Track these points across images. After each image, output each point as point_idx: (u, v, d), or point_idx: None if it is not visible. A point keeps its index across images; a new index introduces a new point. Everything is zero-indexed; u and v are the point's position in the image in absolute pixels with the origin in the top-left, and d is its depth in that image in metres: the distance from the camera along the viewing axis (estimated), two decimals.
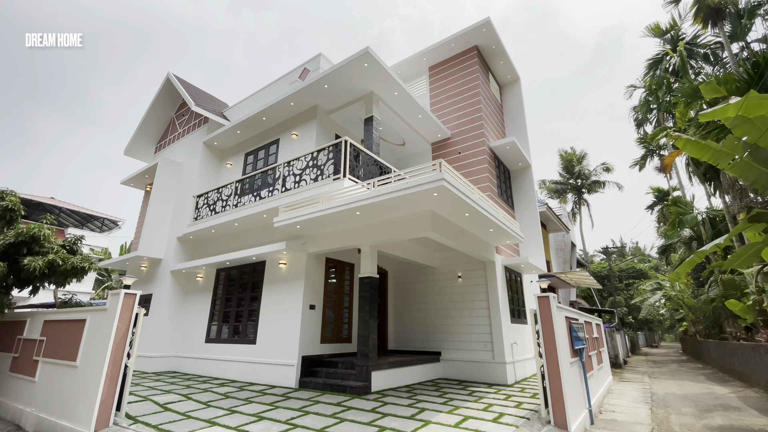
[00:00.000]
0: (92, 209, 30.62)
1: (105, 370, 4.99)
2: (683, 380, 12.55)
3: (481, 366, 8.46)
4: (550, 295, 5.65)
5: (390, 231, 6.98)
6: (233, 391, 7.06)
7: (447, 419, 5.08)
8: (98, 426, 4.84)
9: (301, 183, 8.09)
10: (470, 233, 7.88)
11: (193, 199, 10.81)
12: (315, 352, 7.96)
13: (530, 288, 11.42)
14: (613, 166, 30.85)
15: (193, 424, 4.90)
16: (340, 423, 4.91)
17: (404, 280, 10.61)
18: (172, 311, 10.29)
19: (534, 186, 11.80)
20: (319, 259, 8.60)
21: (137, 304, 5.51)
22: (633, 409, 7.61)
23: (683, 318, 26.83)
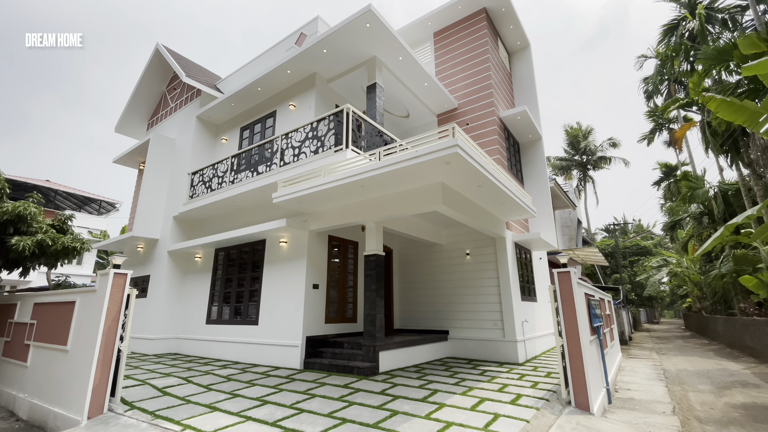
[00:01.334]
0: (89, 192, 30.15)
1: (96, 354, 4.68)
2: (692, 356, 12.39)
3: (491, 344, 8.19)
4: (571, 270, 5.27)
5: (396, 206, 6.53)
6: (236, 374, 6.81)
7: (462, 401, 4.79)
8: (92, 413, 4.55)
9: (301, 156, 7.59)
10: (481, 208, 7.44)
11: (188, 177, 10.33)
12: (319, 332, 7.67)
13: (539, 265, 11.07)
14: (620, 141, 30.10)
15: (193, 410, 4.61)
16: (348, 407, 4.62)
17: (410, 258, 10.25)
18: (171, 292, 10.00)
19: (545, 159, 11.27)
20: (321, 237, 8.20)
21: (128, 285, 5.14)
22: (648, 387, 7.38)
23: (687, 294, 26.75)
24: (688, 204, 18.33)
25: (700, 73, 15.16)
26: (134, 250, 11.26)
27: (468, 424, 3.93)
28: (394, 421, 4.03)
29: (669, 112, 27.03)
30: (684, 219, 20.83)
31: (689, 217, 19.84)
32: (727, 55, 10.97)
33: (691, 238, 20.22)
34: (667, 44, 21.08)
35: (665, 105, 21.33)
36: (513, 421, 4.01)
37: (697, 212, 19.19)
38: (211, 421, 4.19)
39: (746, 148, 14.26)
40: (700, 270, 20.77)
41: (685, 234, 21.44)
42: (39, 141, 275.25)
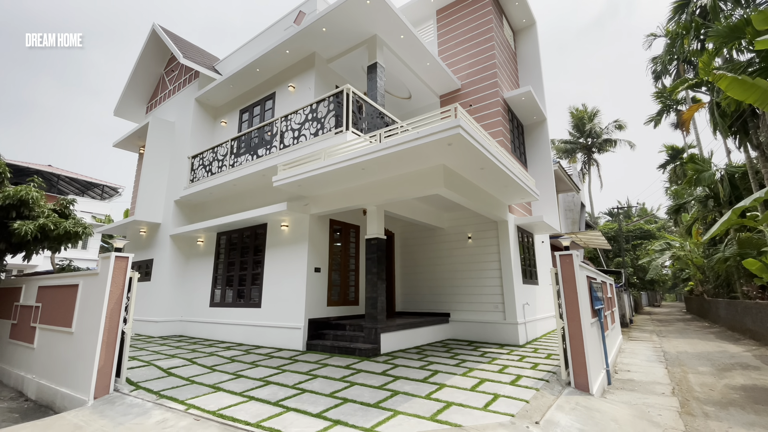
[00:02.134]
0: (92, 177, 30.17)
1: (101, 335, 4.73)
2: (693, 339, 12.46)
3: (492, 327, 8.25)
4: (573, 252, 5.22)
5: (398, 189, 6.46)
6: (239, 355, 6.90)
7: (462, 382, 4.84)
8: (98, 393, 4.64)
9: (301, 138, 7.48)
10: (483, 191, 7.35)
11: (188, 160, 10.26)
12: (322, 314, 7.73)
13: (542, 249, 11.04)
14: (626, 124, 29.56)
15: (197, 390, 4.68)
16: (350, 387, 4.67)
17: (411, 242, 10.24)
18: (175, 276, 10.07)
19: (549, 142, 11.08)
20: (322, 221, 8.17)
21: (130, 268, 5.16)
22: (648, 369, 7.43)
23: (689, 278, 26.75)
24: (694, 187, 18.10)
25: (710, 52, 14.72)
26: (137, 235, 11.31)
27: (468, 404, 3.97)
28: (394, 401, 4.08)
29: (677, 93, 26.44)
30: (689, 202, 20.61)
31: (694, 201, 19.62)
32: (739, 32, 10.60)
33: (696, 221, 20.08)
34: (678, 22, 20.46)
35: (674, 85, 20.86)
36: (512, 402, 4.05)
37: (702, 195, 18.98)
38: (214, 400, 4.26)
39: (755, 129, 13.97)
40: (704, 253, 20.71)
41: (689, 217, 21.27)
42: (39, 126, 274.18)
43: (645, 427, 4.07)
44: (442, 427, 3.35)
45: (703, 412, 4.89)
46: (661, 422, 4.33)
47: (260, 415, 3.72)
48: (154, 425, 3.78)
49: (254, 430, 3.36)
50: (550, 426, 3.53)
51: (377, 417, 3.61)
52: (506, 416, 3.61)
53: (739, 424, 4.36)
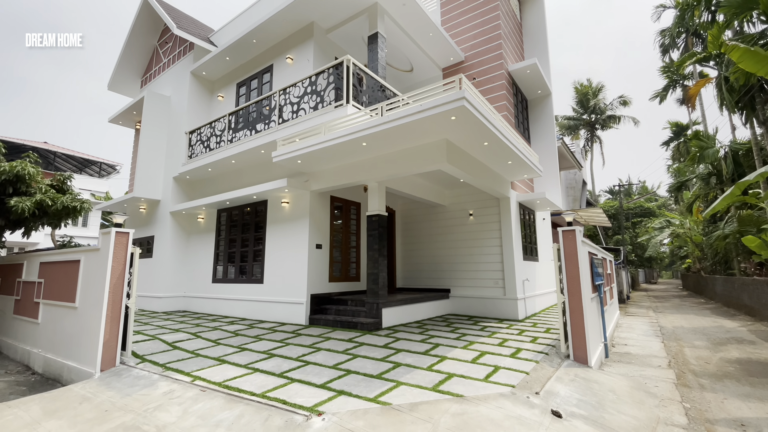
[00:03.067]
0: (89, 154, 29.81)
1: (104, 310, 4.77)
2: (689, 314, 12.65)
3: (492, 302, 8.34)
4: (576, 228, 5.19)
5: (400, 164, 6.35)
6: (243, 329, 7.00)
7: (463, 355, 4.91)
8: (104, 365, 4.71)
9: (300, 113, 7.31)
10: (486, 166, 7.25)
11: (186, 136, 10.07)
12: (324, 290, 7.79)
13: (543, 226, 11.03)
14: (631, 99, 29.01)
15: (202, 362, 4.75)
16: (352, 359, 4.74)
17: (413, 219, 10.21)
18: (176, 252, 10.10)
19: (553, 117, 10.86)
20: (323, 198, 8.10)
21: (131, 243, 5.14)
22: (645, 342, 7.57)
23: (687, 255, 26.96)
24: (697, 164, 17.93)
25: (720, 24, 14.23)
26: (136, 211, 11.26)
27: (469, 375, 4.03)
28: (396, 373, 4.15)
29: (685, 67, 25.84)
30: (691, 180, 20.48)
31: (696, 178, 19.48)
32: (752, 2, 10.21)
33: (697, 199, 20.01)
34: None
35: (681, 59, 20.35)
36: (513, 373, 4.11)
37: (705, 173, 18.83)
38: (220, 372, 4.32)
39: (762, 105, 13.70)
40: (703, 231, 20.78)
41: (691, 195, 21.19)
42: (34, 102, 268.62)
43: (642, 397, 4.16)
44: (444, 397, 3.41)
45: (699, 383, 5.00)
46: (658, 393, 4.42)
47: (265, 386, 3.78)
48: (161, 396, 3.85)
49: (260, 400, 3.42)
50: (549, 396, 3.60)
51: (380, 387, 3.67)
52: (507, 387, 3.67)
53: (735, 395, 4.45)
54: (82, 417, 3.62)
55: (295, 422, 3.03)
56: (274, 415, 3.17)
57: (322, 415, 3.09)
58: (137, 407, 3.64)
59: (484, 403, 3.31)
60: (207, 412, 3.38)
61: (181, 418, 3.34)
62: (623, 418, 3.46)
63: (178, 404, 3.60)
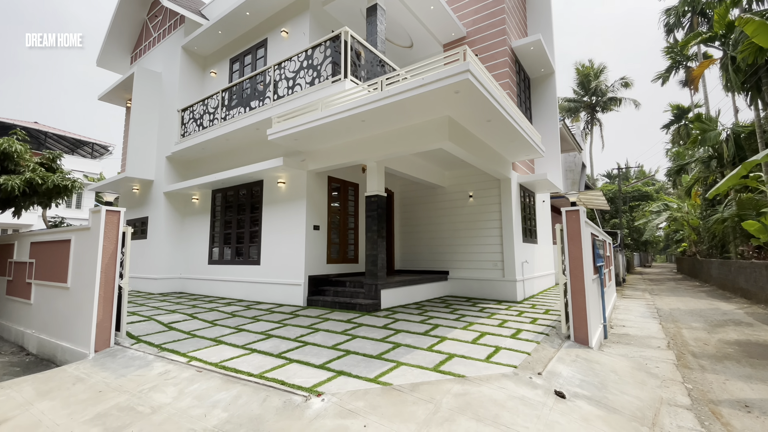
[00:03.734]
0: (81, 134, 29.19)
1: (97, 290, 4.65)
2: (685, 297, 12.74)
3: (490, 284, 8.30)
4: (580, 208, 5.07)
5: (399, 143, 6.16)
6: (240, 310, 6.93)
7: (462, 335, 4.86)
8: (98, 346, 4.62)
9: (296, 88, 7.04)
10: (488, 146, 7.06)
11: (178, 114, 9.77)
12: (321, 272, 7.70)
13: (542, 208, 10.93)
14: (633, 81, 28.54)
15: (198, 343, 4.68)
16: (352, 339, 4.68)
17: (411, 201, 10.06)
18: (171, 233, 9.94)
19: (556, 97, 10.59)
20: (320, 178, 7.91)
21: (123, 222, 4.97)
22: (643, 324, 7.58)
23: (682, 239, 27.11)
24: (699, 147, 17.76)
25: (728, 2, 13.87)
26: (130, 192, 11.04)
27: (470, 356, 3.97)
28: (396, 353, 4.08)
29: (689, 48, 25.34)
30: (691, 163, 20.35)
31: (697, 161, 19.35)
32: None
33: (696, 182, 19.93)
34: None
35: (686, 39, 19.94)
36: (514, 354, 4.06)
37: (705, 156, 18.69)
38: (216, 353, 4.25)
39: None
40: (701, 215, 20.80)
41: (690, 178, 21.10)
42: (24, 82, 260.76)
43: (643, 378, 4.13)
44: (445, 377, 3.35)
45: (699, 365, 4.99)
46: (659, 374, 4.40)
47: (263, 367, 3.71)
48: (156, 377, 3.77)
49: (258, 381, 3.34)
50: (552, 377, 3.54)
51: (380, 368, 3.61)
52: (509, 368, 3.62)
53: (736, 376, 4.44)
54: (75, 398, 3.55)
55: (294, 403, 2.95)
56: (273, 396, 3.10)
57: (321, 396, 3.01)
58: (132, 388, 3.56)
59: (486, 383, 3.25)
60: (203, 392, 3.31)
61: (177, 398, 3.27)
62: (626, 399, 3.42)
63: (174, 385, 3.53)
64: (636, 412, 3.20)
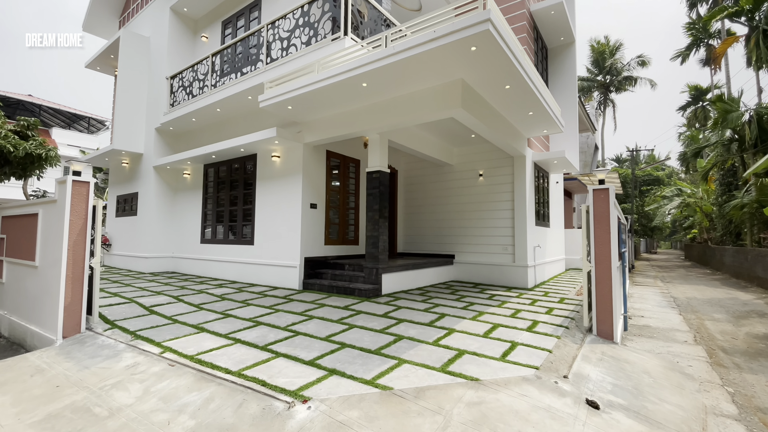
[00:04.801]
0: (77, 108, 28.39)
1: (64, 269, 4.15)
2: (698, 285, 12.21)
3: (499, 269, 7.77)
4: (609, 187, 4.47)
5: (405, 111, 5.50)
6: (230, 293, 6.46)
7: (472, 327, 4.35)
8: (67, 332, 4.16)
9: (290, 50, 6.33)
10: (503, 118, 6.38)
11: (167, 82, 9.07)
12: (319, 253, 7.19)
13: (555, 189, 10.29)
14: (650, 59, 27.21)
15: (178, 330, 4.20)
16: (348, 330, 4.19)
17: (416, 180, 9.44)
18: (162, 210, 9.42)
19: (575, 69, 9.77)
20: (318, 153, 7.29)
21: (92, 195, 4.42)
22: (662, 315, 7.07)
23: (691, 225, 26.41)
24: (719, 129, 16.85)
25: None
26: (119, 166, 10.47)
27: (482, 352, 3.46)
28: (398, 348, 3.58)
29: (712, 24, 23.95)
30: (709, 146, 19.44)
31: (716, 144, 18.46)
32: None
33: (714, 167, 19.08)
34: None
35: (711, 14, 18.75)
36: (533, 351, 3.55)
37: (726, 138, 17.78)
38: (195, 343, 3.76)
39: None
40: (715, 200, 20.03)
41: (706, 162, 20.24)
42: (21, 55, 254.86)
43: (680, 380, 3.62)
44: (455, 380, 2.85)
45: (734, 363, 4.48)
46: (695, 374, 3.89)
47: (244, 362, 3.22)
48: (122, 370, 3.30)
49: (235, 380, 2.85)
50: (580, 381, 3.04)
51: (379, 366, 3.11)
52: (529, 369, 3.11)
53: None
54: (29, 393, 3.09)
55: (275, 411, 2.46)
56: (250, 400, 2.61)
57: (307, 402, 2.52)
58: (93, 383, 3.09)
59: (504, 389, 2.74)
60: (171, 392, 2.82)
61: (141, 399, 2.79)
62: (668, 408, 2.92)
63: (140, 381, 3.05)
64: (682, 426, 2.70)
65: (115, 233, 10.62)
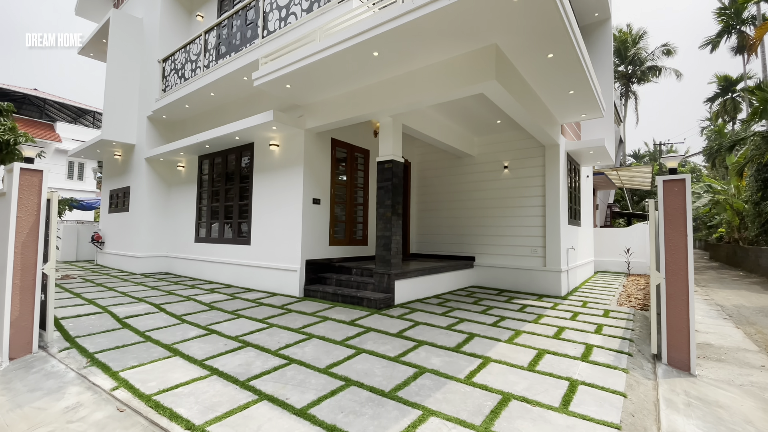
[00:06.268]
0: (83, 103, 28.04)
1: (10, 277, 3.39)
2: (739, 290, 11.08)
3: (527, 274, 6.85)
4: (686, 177, 3.52)
5: (425, 87, 4.60)
6: (222, 300, 5.67)
7: (512, 354, 3.46)
8: (15, 352, 3.40)
9: (289, 19, 5.47)
10: (538, 98, 5.44)
11: (159, 65, 8.30)
12: (322, 255, 6.36)
13: (586, 184, 9.29)
14: (676, 48, 25.71)
15: (146, 353, 3.40)
16: (355, 356, 3.34)
17: (432, 173, 8.54)
18: (155, 207, 8.69)
19: (611, 48, 8.72)
20: (322, 141, 6.44)
21: (46, 186, 3.64)
22: (717, 328, 6.08)
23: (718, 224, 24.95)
24: (759, 119, 15.54)
25: None
26: (111, 159, 9.78)
27: (536, 398, 2.58)
28: (420, 387, 2.72)
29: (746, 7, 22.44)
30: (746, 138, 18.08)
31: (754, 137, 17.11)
32: None
33: (749, 161, 17.73)
34: None
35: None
36: (602, 395, 2.65)
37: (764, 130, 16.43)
38: (161, 374, 2.96)
39: None
40: (749, 198, 18.66)
41: (740, 157, 18.86)
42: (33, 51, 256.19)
43: None
44: None
45: None
46: None
47: (215, 408, 2.40)
48: (58, 415, 2.50)
49: None
50: None
51: (397, 421, 2.25)
52: (606, 428, 2.21)
53: None
54: None
55: None
56: None
57: None
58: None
59: None
60: None
61: None
62: None
63: None
64: None
65: (108, 230, 9.96)
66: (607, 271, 10.75)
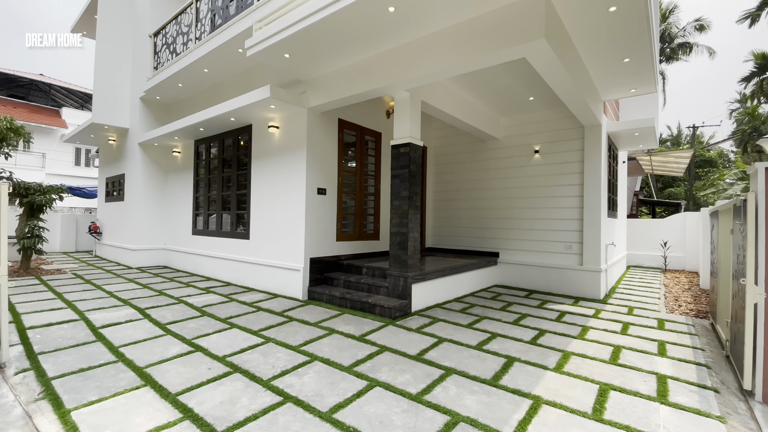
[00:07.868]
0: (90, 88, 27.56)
1: None
2: None
3: (560, 273, 6.07)
4: None
5: (451, 51, 3.77)
6: (216, 303, 5.05)
7: (567, 392, 2.73)
8: None
9: None
10: (584, 68, 4.55)
11: (150, 41, 7.56)
12: (329, 252, 5.67)
13: (621, 170, 8.36)
14: (710, 23, 23.81)
15: (112, 381, 2.78)
16: (368, 391, 2.66)
17: (450, 159, 7.72)
18: (150, 195, 8.09)
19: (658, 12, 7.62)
20: (328, 122, 5.66)
21: None
22: None
23: None
24: None
25: None
26: (106, 144, 9.18)
27: None
28: None
29: None
30: None
31: None
32: None
33: None
34: None
35: None
36: None
37: None
38: (121, 415, 2.32)
39: None
40: None
41: None
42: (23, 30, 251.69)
43: None
44: None
45: None
46: None
47: None
48: None
49: None
50: None
51: None
52: None
53: None
54: None
55: None
56: None
57: None
58: None
59: None
60: None
61: None
62: None
63: None
64: None
65: (105, 220, 9.44)
66: (640, 266, 9.87)
